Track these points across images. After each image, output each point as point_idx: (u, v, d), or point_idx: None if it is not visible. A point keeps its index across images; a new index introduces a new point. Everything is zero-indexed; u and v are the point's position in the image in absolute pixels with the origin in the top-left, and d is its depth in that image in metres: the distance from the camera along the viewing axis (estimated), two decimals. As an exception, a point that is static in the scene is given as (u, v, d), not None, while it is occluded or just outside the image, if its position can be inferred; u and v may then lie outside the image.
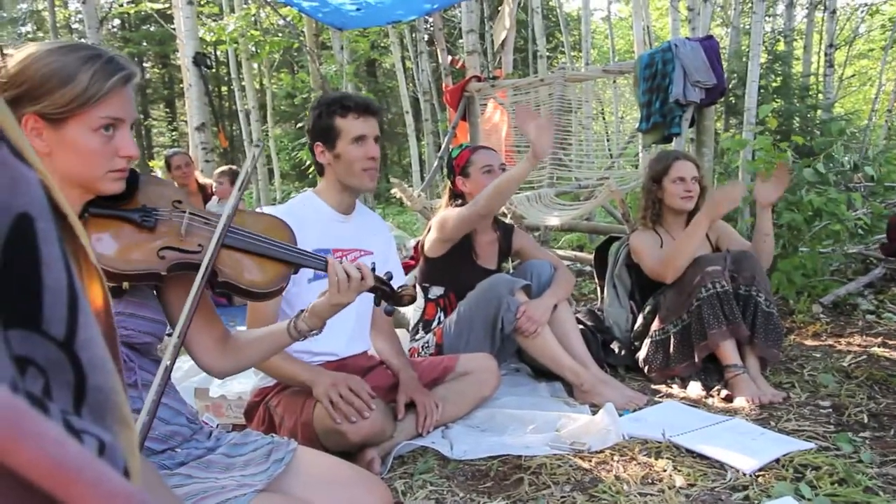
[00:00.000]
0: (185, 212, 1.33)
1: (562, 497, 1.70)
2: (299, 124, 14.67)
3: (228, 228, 1.30)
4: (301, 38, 8.96)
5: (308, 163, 10.45)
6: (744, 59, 5.98)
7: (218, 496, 1.15)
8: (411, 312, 2.80)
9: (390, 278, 1.58)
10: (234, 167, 5.72)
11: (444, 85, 6.15)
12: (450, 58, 6.54)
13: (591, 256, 4.49)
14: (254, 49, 9.91)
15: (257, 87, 12.49)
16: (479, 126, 5.14)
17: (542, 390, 2.59)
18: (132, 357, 1.27)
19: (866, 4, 15.67)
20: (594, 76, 4.47)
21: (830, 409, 2.29)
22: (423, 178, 8.07)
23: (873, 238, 4.42)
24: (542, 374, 2.68)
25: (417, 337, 2.72)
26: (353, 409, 1.79)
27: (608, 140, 4.63)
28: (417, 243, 3.78)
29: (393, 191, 4.58)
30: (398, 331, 2.46)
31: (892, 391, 2.44)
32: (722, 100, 4.46)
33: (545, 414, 2.20)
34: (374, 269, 1.50)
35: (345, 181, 2.11)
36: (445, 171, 3.03)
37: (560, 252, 4.73)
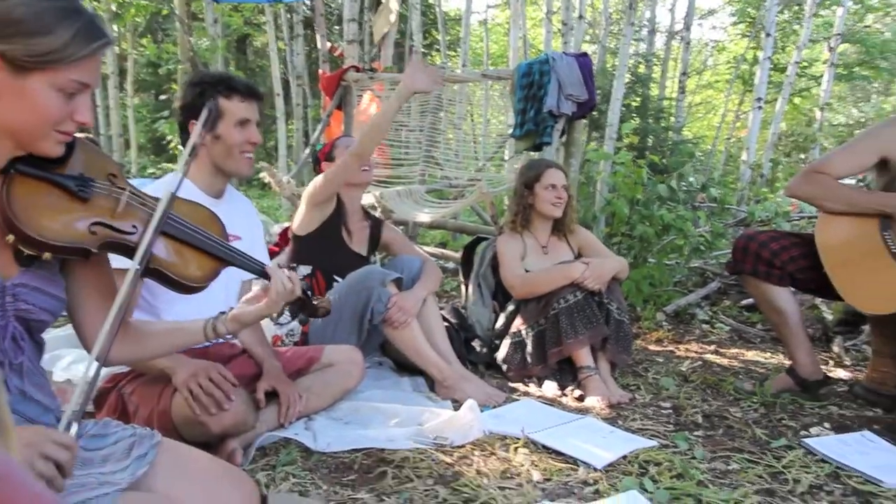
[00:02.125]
0: (124, 189, 1.24)
1: (425, 490, 1.74)
2: (162, 95, 13.91)
3: (167, 215, 1.23)
4: (171, 6, 8.49)
5: (169, 137, 9.93)
6: (609, 78, 6.32)
7: (77, 494, 1.07)
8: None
9: (309, 289, 1.55)
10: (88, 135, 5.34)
11: (320, 71, 6.06)
12: (329, 45, 6.45)
13: (456, 254, 4.59)
14: (116, 10, 9.28)
15: (117, 51, 11.71)
16: (353, 117, 5.10)
17: (405, 384, 2.62)
18: (23, 335, 1.16)
19: (715, 41, 17.02)
20: (472, 79, 4.56)
21: (670, 410, 2.47)
22: (290, 164, 7.90)
23: (712, 254, 4.81)
24: (405, 368, 2.71)
25: (282, 321, 2.67)
26: (213, 399, 1.73)
27: (475, 143, 4.74)
28: (283, 230, 3.71)
29: (261, 175, 4.46)
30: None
31: (722, 394, 2.68)
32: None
33: (409, 408, 2.23)
34: None
35: (221, 164, 2.03)
36: (313, 165, 3.06)
37: (426, 248, 4.79)
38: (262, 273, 1.42)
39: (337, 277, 2.74)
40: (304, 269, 2.76)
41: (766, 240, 2.64)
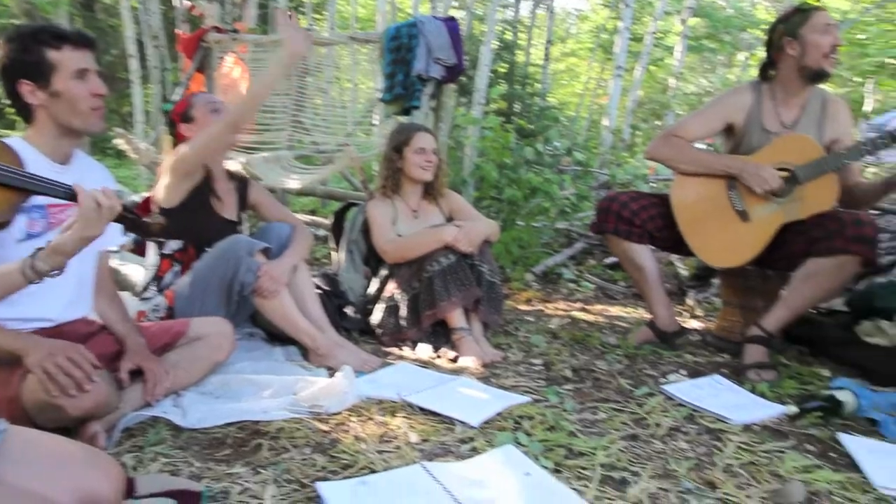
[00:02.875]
0: None
1: (302, 459, 1.71)
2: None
3: None
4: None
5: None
6: (477, 43, 6.37)
7: None
8: (140, 273, 2.59)
9: (135, 206, 1.44)
10: None
11: (178, 32, 5.72)
12: (188, 3, 6.08)
13: (326, 221, 4.52)
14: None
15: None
16: (215, 80, 4.87)
17: (278, 354, 2.56)
18: None
19: (578, 10, 17.53)
20: (340, 42, 4.45)
21: (541, 366, 2.56)
22: (148, 130, 7.45)
23: (577, 215, 5.00)
24: (277, 338, 2.65)
25: (147, 296, 2.53)
26: (72, 380, 1.60)
27: (344, 107, 4.65)
28: (144, 200, 3.50)
29: (115, 141, 4.17)
30: (122, 294, 2.26)
31: (588, 349, 2.80)
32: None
33: (282, 378, 2.18)
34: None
35: (68, 123, 1.84)
36: (168, 128, 2.82)
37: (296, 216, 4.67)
38: (69, 195, 1.31)
39: (208, 249, 2.60)
40: (175, 244, 2.61)
41: (626, 200, 2.76)
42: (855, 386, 2.36)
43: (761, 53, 2.83)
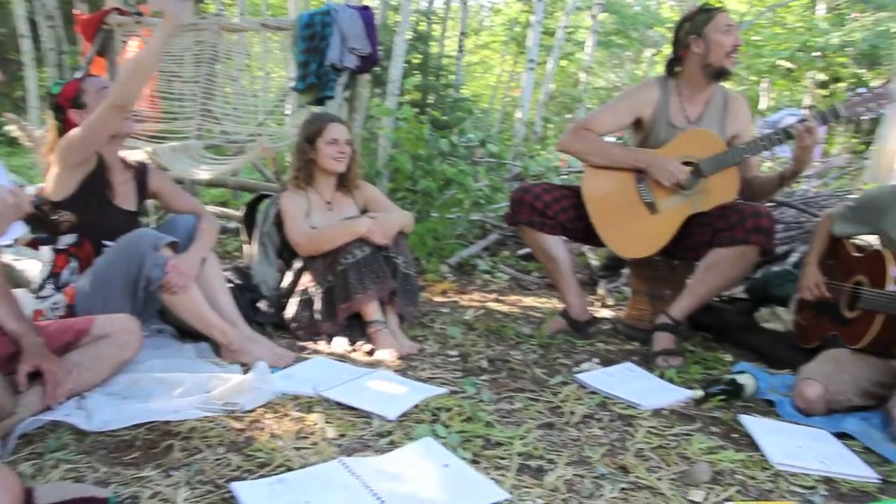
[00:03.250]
0: None
1: (216, 459, 1.66)
2: None
3: None
4: None
5: None
6: (391, 34, 6.33)
7: None
8: (36, 269, 2.44)
9: (43, 202, 1.35)
10: None
11: (76, 12, 5.42)
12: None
13: (238, 213, 4.40)
14: None
15: None
16: (118, 65, 4.64)
17: (189, 351, 2.47)
18: None
19: (492, 2, 17.70)
20: (251, 28, 4.33)
21: (458, 358, 2.58)
22: (44, 117, 7.05)
23: (491, 207, 5.05)
24: (188, 334, 2.56)
25: (44, 294, 2.38)
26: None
27: (255, 96, 4.53)
28: (38, 191, 3.30)
29: (8, 128, 3.93)
30: (17, 291, 2.13)
31: (504, 339, 2.84)
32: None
33: (194, 376, 2.11)
34: None
35: None
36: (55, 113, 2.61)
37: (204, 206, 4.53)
38: None
39: (107, 242, 2.47)
40: (69, 239, 2.46)
41: (539, 192, 2.81)
42: (754, 369, 2.49)
43: (667, 50, 2.92)
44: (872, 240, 2.56)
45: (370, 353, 2.57)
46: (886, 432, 2.07)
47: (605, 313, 3.40)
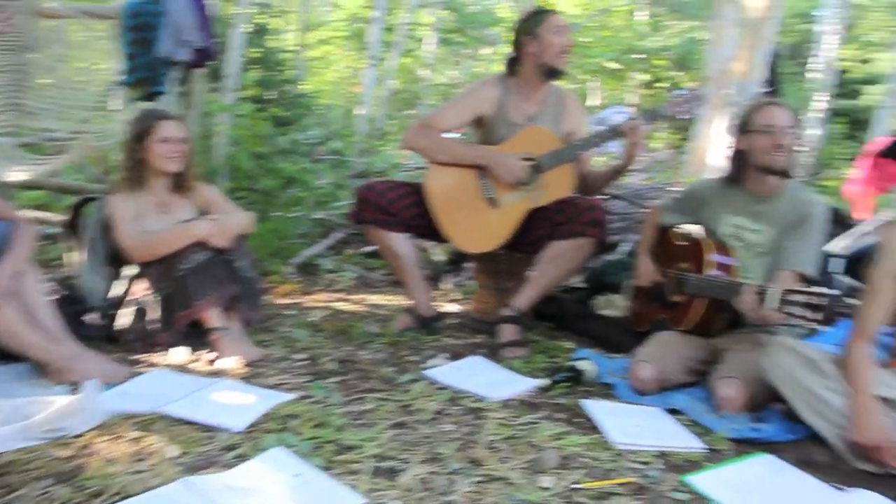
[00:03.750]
0: None
1: (40, 495, 1.50)
2: None
3: None
4: None
5: None
6: (228, 26, 6.08)
7: None
8: None
9: None
10: None
11: None
12: None
13: (60, 217, 4.04)
14: None
15: None
16: None
17: (6, 374, 2.23)
18: None
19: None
20: (71, 15, 3.97)
21: (306, 361, 2.52)
22: None
23: (334, 205, 4.97)
24: (5, 356, 2.31)
25: None
26: None
27: (77, 90, 4.18)
28: None
29: None
30: None
31: (352, 339, 2.81)
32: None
33: (12, 402, 1.90)
34: None
35: None
36: None
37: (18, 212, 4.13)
38: None
39: None
40: None
41: (383, 189, 2.80)
42: (594, 355, 2.63)
43: (504, 49, 3.00)
44: (696, 229, 2.77)
45: (212, 362, 2.45)
46: (709, 404, 2.25)
47: (452, 308, 3.45)
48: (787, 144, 2.39)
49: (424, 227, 2.82)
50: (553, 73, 2.82)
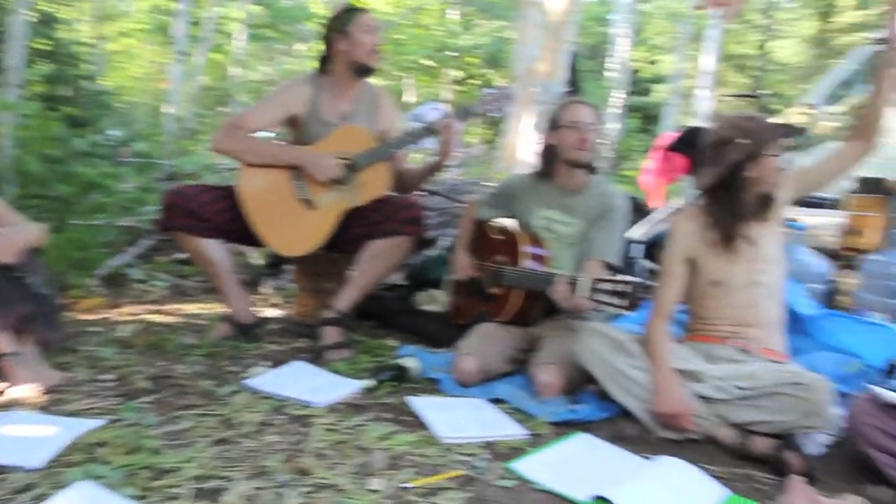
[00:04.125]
0: None
1: None
2: None
3: None
4: None
5: None
6: (6, 14, 5.49)
7: None
8: None
9: None
10: None
11: None
12: None
13: None
14: None
15: None
16: None
17: None
18: None
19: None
20: None
21: (115, 381, 2.32)
22: None
23: (142, 210, 4.67)
24: None
25: None
26: None
27: None
28: None
29: None
30: None
31: (166, 354, 2.63)
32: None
33: None
34: None
35: None
36: None
37: None
38: None
39: None
40: None
41: (193, 193, 2.66)
42: (417, 351, 2.66)
43: (318, 45, 2.96)
44: (510, 223, 2.88)
45: (1, 392, 2.20)
46: (530, 391, 2.35)
47: (272, 313, 3.35)
48: (592, 140, 2.55)
49: (239, 231, 2.71)
50: (364, 71, 2.81)
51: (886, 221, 3.82)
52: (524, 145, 4.04)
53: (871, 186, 3.85)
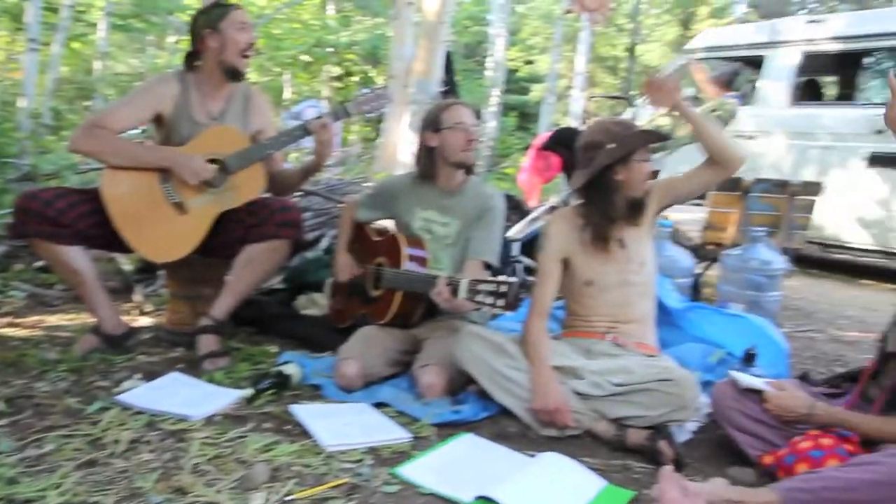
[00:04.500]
0: None
1: None
2: None
3: None
4: None
5: None
6: None
7: None
8: None
9: None
10: None
11: None
12: None
13: None
14: None
15: None
16: None
17: None
18: None
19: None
20: None
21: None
22: None
23: (-4, 214, 4.32)
24: None
25: None
26: None
27: None
28: None
29: None
30: None
31: (25, 371, 2.44)
32: None
33: None
34: None
35: None
36: None
37: None
38: None
39: None
40: None
41: (50, 198, 2.48)
42: (298, 357, 2.61)
43: (188, 40, 2.82)
44: (390, 224, 2.87)
45: None
46: (413, 393, 2.36)
47: (144, 321, 3.19)
48: (475, 140, 2.59)
49: (104, 237, 2.55)
50: (233, 73, 2.69)
51: (743, 218, 4.10)
52: (404, 145, 4.04)
53: (730, 184, 4.11)
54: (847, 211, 5.78)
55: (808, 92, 6.49)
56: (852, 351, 3.61)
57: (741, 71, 6.59)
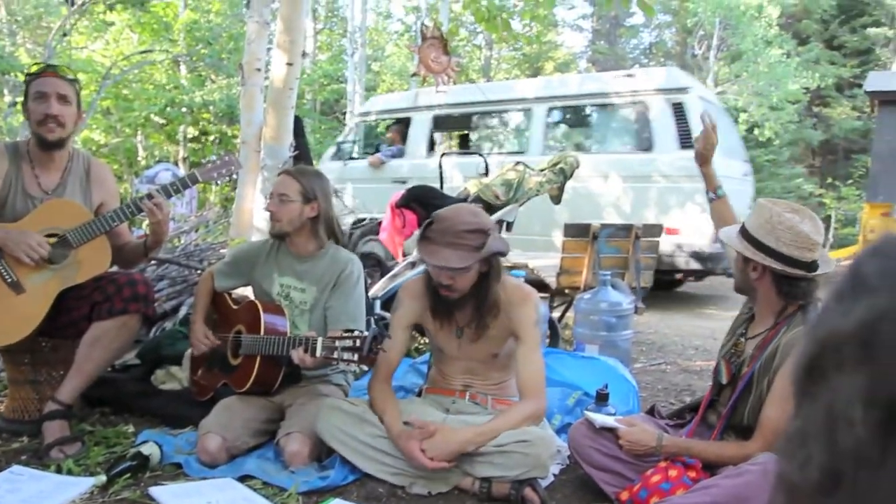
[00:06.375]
0: None
1: None
2: None
3: None
4: None
5: None
6: None
7: None
8: None
9: None
10: None
11: None
12: None
13: None
14: None
15: None
16: None
17: None
18: None
19: None
20: None
21: None
22: None
23: None
24: None
25: None
26: None
27: None
28: None
29: None
30: None
31: None
32: None
33: None
34: None
35: None
36: None
37: None
38: None
39: None
40: None
41: None
42: (157, 436, 2.48)
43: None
44: (249, 291, 2.81)
45: None
46: (279, 462, 2.30)
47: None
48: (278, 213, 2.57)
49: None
50: (42, 143, 2.54)
51: (592, 262, 4.33)
52: (257, 211, 4.00)
53: (578, 231, 4.34)
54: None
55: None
56: (699, 380, 3.86)
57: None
